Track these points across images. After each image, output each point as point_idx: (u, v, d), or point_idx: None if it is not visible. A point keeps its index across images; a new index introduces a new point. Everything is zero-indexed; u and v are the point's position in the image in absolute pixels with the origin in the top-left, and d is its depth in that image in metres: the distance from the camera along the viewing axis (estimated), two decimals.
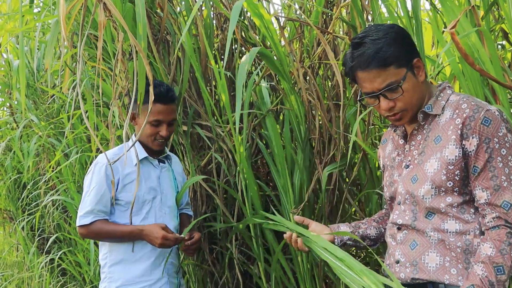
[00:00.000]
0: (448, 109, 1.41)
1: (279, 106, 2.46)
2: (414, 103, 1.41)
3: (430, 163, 1.39)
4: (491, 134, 1.32)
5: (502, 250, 1.28)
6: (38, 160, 3.97)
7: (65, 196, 3.25)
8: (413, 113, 1.43)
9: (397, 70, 1.36)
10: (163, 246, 2.05)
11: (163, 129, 2.11)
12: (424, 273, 1.39)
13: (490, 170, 1.32)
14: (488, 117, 1.32)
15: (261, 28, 2.07)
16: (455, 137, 1.35)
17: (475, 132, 1.32)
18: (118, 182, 2.07)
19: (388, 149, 1.61)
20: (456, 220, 1.37)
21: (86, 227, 2.06)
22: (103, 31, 1.86)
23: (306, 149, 2.32)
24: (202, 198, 2.61)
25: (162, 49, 2.59)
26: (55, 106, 3.43)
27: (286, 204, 2.29)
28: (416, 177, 1.42)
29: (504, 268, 1.27)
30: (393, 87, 1.37)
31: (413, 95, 1.40)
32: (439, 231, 1.38)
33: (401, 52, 1.37)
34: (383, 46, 1.35)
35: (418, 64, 1.40)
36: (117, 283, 2.10)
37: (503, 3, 1.67)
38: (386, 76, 1.36)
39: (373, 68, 1.36)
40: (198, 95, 2.60)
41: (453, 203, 1.37)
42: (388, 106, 1.40)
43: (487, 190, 1.33)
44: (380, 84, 1.37)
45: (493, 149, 1.32)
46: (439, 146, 1.38)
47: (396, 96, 1.38)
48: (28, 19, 2.91)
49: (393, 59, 1.36)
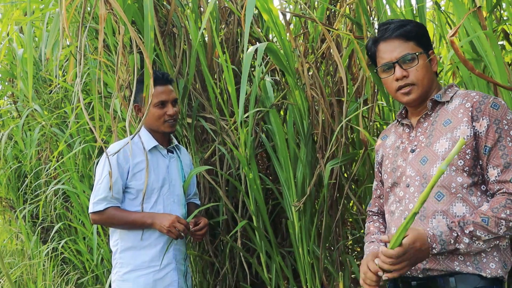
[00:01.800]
0: (457, 98, 1.48)
1: (282, 101, 2.49)
2: (424, 83, 1.50)
3: (440, 143, 1.44)
4: (500, 116, 1.39)
5: (494, 208, 1.35)
6: (40, 150, 3.99)
7: (68, 186, 3.28)
8: (421, 93, 1.50)
9: (416, 47, 1.50)
10: (170, 232, 2.11)
11: (169, 108, 2.20)
12: (434, 263, 1.42)
13: (500, 149, 1.39)
14: (496, 103, 1.41)
15: (269, 23, 2.10)
16: (467, 119, 1.41)
17: (485, 114, 1.39)
18: (128, 170, 2.14)
19: (391, 140, 1.66)
20: (463, 203, 1.41)
21: (100, 213, 2.12)
22: (104, 24, 1.89)
23: (308, 144, 2.36)
24: (205, 190, 2.65)
25: (168, 41, 2.62)
26: (59, 96, 3.44)
27: (288, 197, 2.32)
28: (426, 158, 1.47)
29: (489, 220, 1.33)
30: (411, 57, 1.48)
31: (425, 74, 1.50)
32: (447, 215, 1.41)
33: (423, 37, 1.52)
34: (408, 24, 1.51)
35: (433, 56, 1.52)
36: (127, 268, 2.18)
37: (508, 5, 1.71)
38: (406, 47, 1.49)
39: (396, 37, 1.50)
40: (202, 88, 2.63)
41: (463, 183, 1.41)
42: (402, 74, 1.49)
43: (497, 167, 1.39)
44: (399, 53, 1.50)
45: (502, 129, 1.38)
46: (449, 127, 1.44)
47: (411, 66, 1.48)
48: (34, 7, 2.92)
49: (415, 37, 1.50)
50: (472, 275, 1.39)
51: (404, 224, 1.27)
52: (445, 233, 1.35)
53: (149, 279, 2.16)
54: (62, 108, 3.53)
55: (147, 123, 2.24)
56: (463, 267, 1.39)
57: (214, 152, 2.65)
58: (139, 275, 2.17)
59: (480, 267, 1.39)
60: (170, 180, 2.26)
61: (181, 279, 2.26)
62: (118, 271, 2.21)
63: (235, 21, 2.82)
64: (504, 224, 1.34)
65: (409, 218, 1.25)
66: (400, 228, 1.28)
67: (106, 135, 2.86)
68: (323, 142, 2.35)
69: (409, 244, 1.30)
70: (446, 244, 1.34)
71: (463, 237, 1.34)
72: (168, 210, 2.21)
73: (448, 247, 1.35)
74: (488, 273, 1.39)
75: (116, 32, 2.35)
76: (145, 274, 2.17)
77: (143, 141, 2.17)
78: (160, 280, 2.18)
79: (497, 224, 1.33)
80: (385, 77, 1.55)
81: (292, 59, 2.21)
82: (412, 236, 1.31)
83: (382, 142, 1.72)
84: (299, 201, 2.25)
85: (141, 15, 2.48)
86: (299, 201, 2.26)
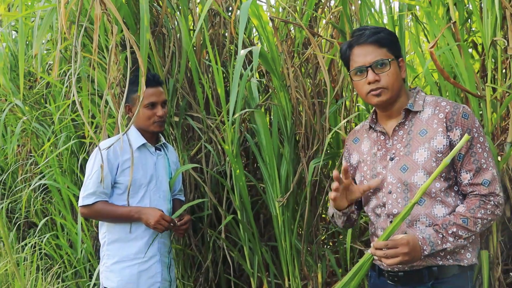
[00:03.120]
0: (428, 107, 1.62)
1: (267, 102, 2.62)
2: (394, 87, 1.60)
3: (419, 153, 1.59)
4: (470, 125, 1.55)
5: (471, 210, 1.53)
6: (18, 145, 3.97)
7: (49, 180, 3.30)
8: (390, 96, 1.61)
9: (388, 54, 1.60)
10: (156, 228, 2.23)
11: (159, 109, 2.30)
12: (420, 260, 1.56)
13: (471, 155, 1.56)
14: (466, 112, 1.57)
15: (258, 28, 2.22)
16: (442, 129, 1.56)
17: (458, 125, 1.55)
18: (117, 166, 2.23)
19: (366, 146, 1.76)
20: (442, 205, 1.58)
21: (89, 207, 2.22)
22: (99, 24, 1.97)
23: (291, 143, 2.50)
24: (190, 186, 2.75)
25: (157, 41, 2.70)
26: (43, 92, 3.46)
27: (272, 193, 2.45)
28: (406, 166, 1.61)
29: (468, 221, 1.52)
30: (383, 62, 1.59)
31: (395, 80, 1.60)
32: (430, 217, 1.58)
33: (394, 44, 1.63)
34: (382, 32, 1.62)
35: (402, 63, 1.65)
36: (114, 259, 2.28)
37: (478, 19, 1.89)
38: (379, 53, 1.59)
39: (370, 43, 1.59)
40: (190, 87, 2.73)
41: (441, 188, 1.58)
42: (374, 78, 1.59)
43: (470, 172, 1.56)
44: (372, 58, 1.59)
45: (473, 137, 1.55)
46: (426, 137, 1.59)
47: (383, 72, 1.59)
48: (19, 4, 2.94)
49: (388, 44, 1.60)
50: (452, 265, 1.57)
51: (402, 214, 1.44)
52: (433, 235, 1.52)
53: (134, 270, 2.27)
54: (43, 104, 3.55)
55: (137, 122, 2.34)
56: (444, 261, 1.57)
57: (200, 149, 2.75)
58: (125, 266, 2.27)
59: (458, 259, 1.58)
60: (157, 177, 2.36)
61: (164, 271, 2.37)
62: (105, 263, 2.32)
63: (221, 23, 2.93)
64: (480, 222, 1.53)
65: (408, 209, 1.43)
66: (397, 218, 1.45)
67: (96, 132, 2.92)
68: (305, 142, 2.49)
69: (401, 239, 1.46)
70: (435, 245, 1.51)
71: (448, 237, 1.52)
72: (154, 205, 2.32)
73: (437, 247, 1.51)
74: (465, 262, 1.58)
75: (108, 31, 2.42)
76: (131, 266, 2.28)
77: (133, 139, 2.29)
78: (145, 272, 2.29)
79: (475, 223, 1.52)
80: (357, 80, 1.64)
81: (278, 62, 2.34)
82: (405, 236, 1.48)
83: (356, 145, 1.80)
84: (283, 197, 2.38)
85: (132, 15, 2.56)
86: (282, 197, 2.39)
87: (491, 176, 1.55)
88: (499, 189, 1.56)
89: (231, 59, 2.88)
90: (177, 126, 2.67)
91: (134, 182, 2.25)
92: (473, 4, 1.86)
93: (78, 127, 3.31)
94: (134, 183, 2.25)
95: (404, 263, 1.49)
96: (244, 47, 2.68)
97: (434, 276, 1.57)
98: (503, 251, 1.95)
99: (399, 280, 1.63)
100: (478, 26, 1.90)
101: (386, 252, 1.46)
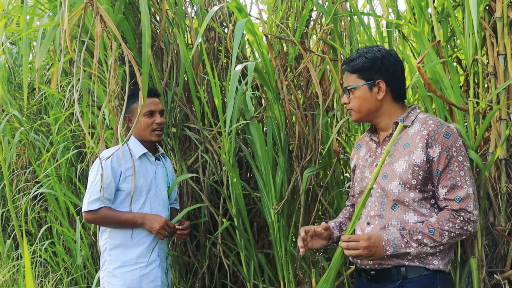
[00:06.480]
0: (417, 123, 1.75)
1: (262, 114, 2.72)
2: (361, 110, 1.78)
3: (399, 164, 1.72)
4: (451, 144, 1.67)
5: (440, 222, 1.66)
6: (16, 154, 4.03)
7: (47, 189, 3.37)
8: (359, 117, 1.81)
9: (358, 80, 1.76)
10: (160, 233, 2.33)
11: (157, 117, 2.44)
12: (388, 259, 1.71)
13: (448, 172, 1.68)
14: (448, 132, 1.68)
15: (253, 44, 2.33)
16: (422, 145, 1.69)
17: (438, 143, 1.67)
18: (120, 174, 2.34)
19: (363, 152, 1.93)
20: (415, 213, 1.71)
21: (93, 212, 2.31)
22: (99, 40, 2.07)
23: (285, 153, 2.61)
24: (188, 195, 2.84)
25: (154, 55, 2.80)
26: (42, 103, 3.53)
27: (267, 201, 2.55)
28: (387, 174, 1.74)
29: (434, 231, 1.64)
30: (348, 88, 1.79)
31: (362, 103, 1.77)
32: (401, 221, 1.71)
33: (368, 69, 1.75)
34: (358, 59, 1.77)
35: (380, 85, 1.76)
36: (116, 264, 2.37)
37: (460, 35, 2.02)
38: (349, 79, 1.79)
39: (345, 70, 1.81)
40: (187, 99, 2.83)
41: (415, 198, 1.70)
42: (344, 100, 1.83)
43: (445, 187, 1.68)
44: (345, 84, 1.82)
45: (452, 156, 1.67)
46: (407, 150, 1.72)
47: (353, 95, 1.78)
48: (19, 17, 3.01)
49: (358, 71, 1.76)
50: (419, 267, 1.70)
51: (361, 202, 1.59)
52: (397, 238, 1.66)
53: (135, 275, 2.37)
54: (40, 115, 3.62)
55: (136, 133, 2.45)
56: (411, 262, 1.70)
57: (197, 159, 2.85)
58: (127, 271, 2.37)
59: (425, 262, 1.71)
60: (156, 185, 2.47)
61: (163, 276, 2.47)
62: (107, 268, 2.40)
63: (215, 37, 3.04)
64: (447, 235, 1.65)
65: (365, 196, 1.58)
66: (357, 208, 1.61)
67: (94, 141, 3.00)
68: (298, 152, 2.59)
69: (363, 235, 1.65)
70: (398, 248, 1.65)
71: (412, 243, 1.65)
72: (154, 211, 2.43)
73: (400, 250, 1.66)
74: (431, 267, 1.71)
75: (107, 47, 2.51)
76: (132, 270, 2.37)
77: (134, 149, 2.40)
78: (146, 276, 2.39)
79: (441, 234, 1.65)
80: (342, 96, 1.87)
81: (272, 76, 2.45)
82: (369, 233, 1.69)
83: (357, 151, 1.98)
84: (278, 205, 2.49)
85: (131, 30, 2.66)
86: (278, 205, 2.49)
87: (465, 194, 1.66)
88: (472, 206, 1.66)
89: (225, 72, 2.99)
90: (174, 136, 2.77)
91: (135, 189, 2.35)
92: (455, 25, 1.99)
93: (75, 137, 3.39)
94: (136, 190, 2.36)
95: (365, 257, 1.64)
96: (237, 61, 2.79)
97: (402, 275, 1.70)
98: (488, 254, 2.07)
99: (372, 278, 1.77)
100: (461, 43, 2.03)
101: (348, 244, 1.63)
